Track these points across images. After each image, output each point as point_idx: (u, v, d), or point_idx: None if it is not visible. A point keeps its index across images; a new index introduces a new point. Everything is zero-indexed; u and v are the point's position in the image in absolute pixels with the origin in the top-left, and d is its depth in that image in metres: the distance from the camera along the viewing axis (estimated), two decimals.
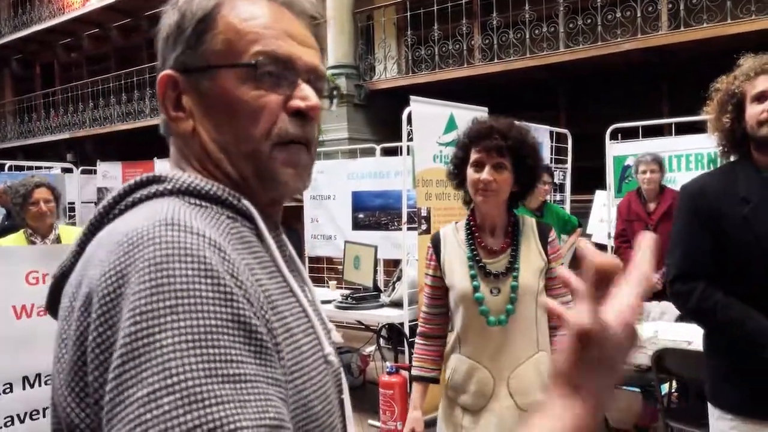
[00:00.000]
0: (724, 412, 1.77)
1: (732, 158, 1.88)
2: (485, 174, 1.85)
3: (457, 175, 1.98)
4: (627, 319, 0.52)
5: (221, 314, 0.54)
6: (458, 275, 1.93)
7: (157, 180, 0.67)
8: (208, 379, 0.51)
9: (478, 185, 1.87)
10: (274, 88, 0.70)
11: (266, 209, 0.74)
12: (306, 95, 0.71)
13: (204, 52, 0.69)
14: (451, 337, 2.00)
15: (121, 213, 0.66)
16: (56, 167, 8.75)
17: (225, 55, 0.69)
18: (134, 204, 0.66)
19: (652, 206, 4.29)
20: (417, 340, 2.07)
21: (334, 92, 0.79)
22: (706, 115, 1.93)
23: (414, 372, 2.04)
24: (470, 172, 1.89)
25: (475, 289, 1.89)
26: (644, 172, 4.27)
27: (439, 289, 2.02)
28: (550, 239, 1.98)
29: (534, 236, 1.97)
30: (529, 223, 2.01)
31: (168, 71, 0.71)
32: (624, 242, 4.38)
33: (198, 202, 0.66)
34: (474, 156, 1.88)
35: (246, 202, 0.69)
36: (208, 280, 0.55)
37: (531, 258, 1.93)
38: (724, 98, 1.83)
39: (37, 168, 8.03)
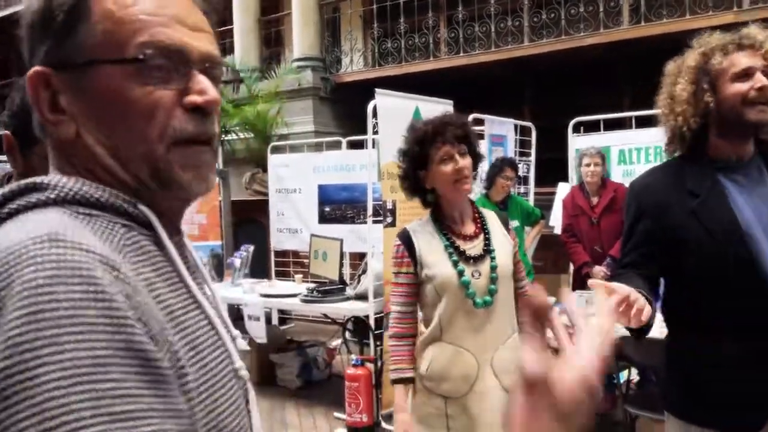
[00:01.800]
0: (682, 420, 1.71)
1: (677, 153, 1.75)
2: (461, 162, 1.92)
3: (414, 180, 2.01)
4: (588, 376, 0.52)
5: (113, 342, 0.48)
6: (439, 264, 1.95)
7: (38, 187, 0.59)
8: (95, 419, 0.45)
9: (454, 176, 1.92)
10: (166, 82, 0.63)
11: (167, 213, 0.68)
12: (203, 88, 0.65)
13: (81, 45, 0.61)
14: (427, 329, 2.00)
15: None
16: None
17: (106, 48, 0.61)
18: (10, 216, 0.58)
19: (595, 200, 4.36)
20: (391, 342, 2.05)
21: (236, 77, 0.73)
22: (678, 95, 1.70)
23: (394, 375, 2.01)
24: (441, 168, 1.93)
25: (461, 273, 1.92)
26: (588, 164, 4.32)
27: (412, 286, 2.01)
28: (509, 227, 2.12)
29: (497, 222, 2.08)
30: (488, 212, 2.12)
31: (37, 68, 0.62)
32: (570, 236, 4.46)
33: (87, 211, 0.59)
34: (440, 152, 1.93)
35: (143, 208, 0.63)
36: (98, 304, 0.49)
37: (501, 241, 2.03)
38: (698, 75, 1.65)
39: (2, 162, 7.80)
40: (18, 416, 0.44)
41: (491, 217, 2.09)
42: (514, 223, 2.18)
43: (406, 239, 2.02)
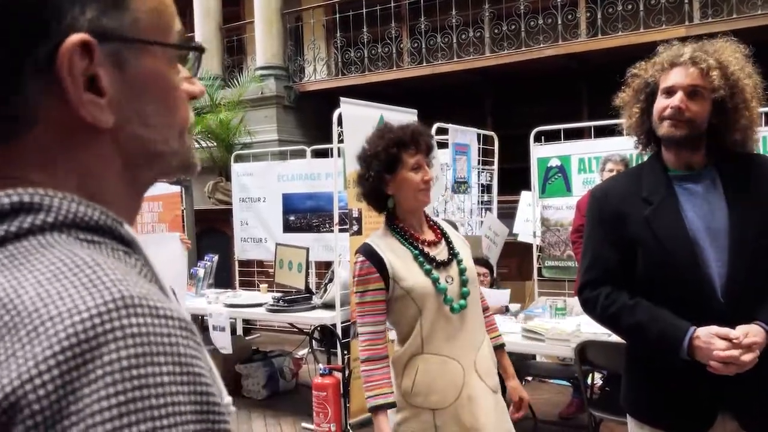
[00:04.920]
0: (641, 422, 1.76)
1: (647, 154, 1.82)
2: (430, 173, 1.96)
3: (377, 183, 1.94)
4: None
5: (202, 428, 0.45)
6: (413, 275, 1.91)
7: (29, 208, 0.49)
8: None
9: (421, 185, 1.94)
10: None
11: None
12: (193, 79, 0.63)
13: (130, 19, 0.53)
14: (403, 346, 1.94)
15: None
16: None
17: (156, 29, 0.56)
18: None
19: None
20: (365, 366, 1.92)
21: None
22: (621, 100, 1.82)
23: (374, 402, 1.86)
24: (410, 175, 1.94)
25: (435, 281, 1.91)
26: (611, 170, 4.26)
27: (382, 303, 1.94)
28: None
29: (451, 228, 2.12)
30: (439, 219, 2.18)
31: (82, 35, 0.49)
32: (580, 237, 4.46)
33: (88, 237, 0.50)
34: (412, 159, 1.94)
35: (128, 228, 0.55)
36: (185, 387, 0.45)
37: (461, 245, 2.07)
38: (639, 85, 1.75)
39: None
40: None
41: (444, 223, 2.12)
42: None
43: (371, 255, 1.93)
